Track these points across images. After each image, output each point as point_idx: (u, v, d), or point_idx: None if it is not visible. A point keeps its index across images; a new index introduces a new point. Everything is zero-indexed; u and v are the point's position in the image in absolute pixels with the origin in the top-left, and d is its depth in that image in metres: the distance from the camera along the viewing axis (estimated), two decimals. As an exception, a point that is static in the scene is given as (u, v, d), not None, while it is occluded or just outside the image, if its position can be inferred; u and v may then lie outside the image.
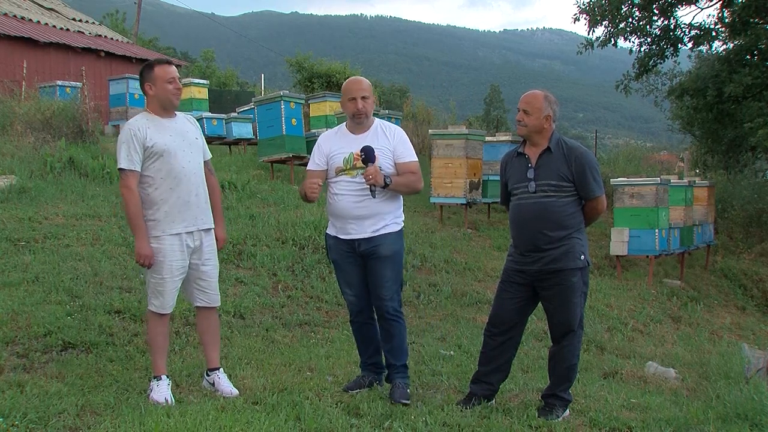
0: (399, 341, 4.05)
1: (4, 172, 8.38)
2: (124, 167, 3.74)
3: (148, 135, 3.77)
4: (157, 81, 3.82)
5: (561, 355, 3.91)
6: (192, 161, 3.89)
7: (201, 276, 3.96)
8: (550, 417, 3.79)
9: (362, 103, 3.98)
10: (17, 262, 5.79)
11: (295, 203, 9.36)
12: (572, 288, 3.83)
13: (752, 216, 14.42)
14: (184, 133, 3.92)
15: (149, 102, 3.90)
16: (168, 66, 3.90)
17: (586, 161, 3.82)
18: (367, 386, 4.11)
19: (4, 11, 17.85)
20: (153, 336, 3.89)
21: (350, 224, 3.98)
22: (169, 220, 3.79)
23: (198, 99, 15.65)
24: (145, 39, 31.34)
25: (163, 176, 3.79)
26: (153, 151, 3.76)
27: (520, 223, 3.91)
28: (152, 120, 3.85)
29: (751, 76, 13.23)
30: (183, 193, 3.82)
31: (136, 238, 3.76)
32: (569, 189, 3.82)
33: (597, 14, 15.00)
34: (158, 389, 3.76)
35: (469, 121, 26.60)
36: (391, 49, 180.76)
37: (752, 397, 4.26)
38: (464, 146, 10.60)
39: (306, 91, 22.12)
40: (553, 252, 3.80)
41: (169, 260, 3.79)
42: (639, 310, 8.27)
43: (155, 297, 3.83)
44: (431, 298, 7.19)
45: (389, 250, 3.97)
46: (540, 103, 3.84)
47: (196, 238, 3.90)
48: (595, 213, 3.95)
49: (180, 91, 3.91)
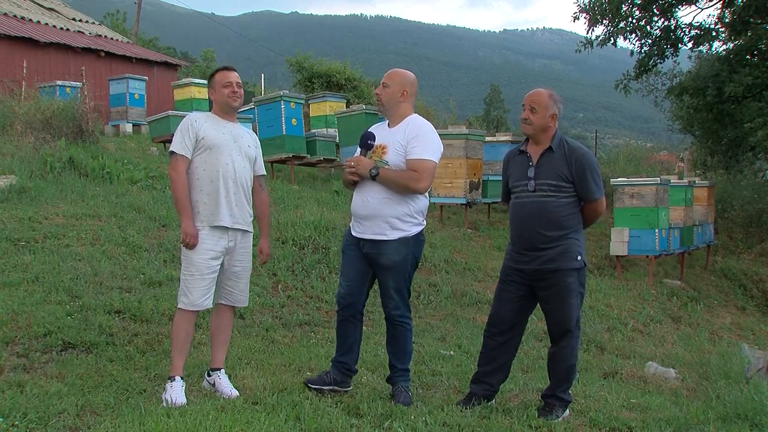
0: (404, 345, 4.02)
1: (4, 171, 8.38)
2: (175, 150, 3.89)
3: (203, 128, 3.93)
4: (215, 85, 4.03)
5: (560, 356, 3.91)
6: (237, 163, 3.97)
7: (230, 276, 4.00)
8: (550, 417, 3.79)
9: (380, 89, 3.98)
10: (17, 262, 5.79)
11: (295, 203, 9.36)
12: (568, 288, 3.82)
13: (752, 216, 14.42)
14: (238, 138, 4.04)
15: (212, 105, 4.12)
16: (226, 72, 4.07)
17: (587, 162, 3.81)
18: (329, 384, 3.97)
19: (4, 11, 17.85)
20: (176, 332, 3.89)
21: (356, 222, 3.97)
22: (205, 212, 3.88)
23: (198, 99, 15.66)
24: (145, 39, 31.32)
25: (207, 168, 3.89)
26: (203, 144, 3.90)
27: (519, 222, 3.91)
28: (212, 118, 4.04)
29: (751, 76, 13.22)
30: (222, 189, 3.89)
31: (182, 218, 3.85)
32: (569, 189, 3.81)
33: (597, 13, 14.98)
34: (173, 390, 3.73)
35: (469, 121, 26.60)
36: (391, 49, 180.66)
37: (752, 397, 4.26)
38: (464, 146, 10.60)
39: (306, 91, 22.10)
40: (550, 252, 3.80)
41: (199, 257, 3.84)
42: (639, 310, 8.27)
43: (184, 294, 3.87)
44: (431, 298, 7.20)
45: (389, 261, 3.85)
46: (546, 101, 3.84)
47: (231, 238, 3.94)
48: (594, 215, 3.94)
49: (236, 95, 4.03)
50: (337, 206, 9.46)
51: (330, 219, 8.40)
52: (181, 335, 3.88)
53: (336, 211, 9.12)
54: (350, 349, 4.04)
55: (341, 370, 4.03)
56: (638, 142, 29.57)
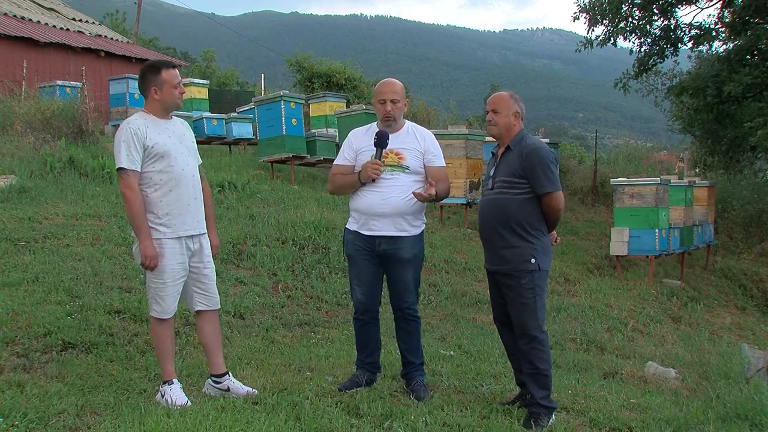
0: (417, 340, 4.15)
1: (4, 171, 8.38)
2: (124, 166, 3.65)
3: (149, 135, 3.70)
4: (164, 85, 3.79)
5: (526, 357, 3.85)
6: (190, 164, 3.86)
7: (202, 279, 3.92)
8: (536, 428, 3.68)
9: (391, 106, 4.01)
10: (17, 262, 5.79)
11: (295, 203, 9.35)
12: (521, 291, 3.80)
13: (752, 216, 14.42)
14: (182, 137, 3.90)
15: (150, 104, 3.84)
16: (174, 69, 3.87)
17: (537, 156, 3.79)
18: (363, 385, 4.09)
19: (4, 11, 17.85)
20: (159, 341, 3.81)
21: (373, 221, 3.99)
22: (170, 223, 3.74)
23: (198, 99, 15.67)
24: (145, 39, 31.34)
25: (164, 178, 3.73)
26: (154, 152, 3.70)
27: (480, 220, 4.01)
28: (151, 120, 3.79)
29: (751, 75, 13.21)
30: (183, 196, 3.78)
31: (140, 239, 3.66)
32: (522, 185, 3.81)
33: (597, 13, 14.98)
34: (173, 392, 3.71)
35: (469, 121, 26.55)
36: (392, 49, 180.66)
37: (752, 397, 4.26)
38: (464, 146, 10.61)
39: (306, 91, 22.13)
40: (505, 252, 3.83)
41: (170, 264, 3.73)
42: (639, 310, 8.27)
43: (156, 302, 3.77)
44: (431, 298, 7.20)
45: (410, 254, 4.01)
46: (507, 100, 3.94)
47: (196, 241, 3.87)
48: (552, 211, 3.86)
49: (183, 95, 3.92)
50: (337, 206, 9.45)
51: (330, 219, 8.40)
52: (166, 342, 3.81)
53: (336, 211, 9.12)
54: (375, 349, 4.20)
55: (370, 370, 4.17)
56: (638, 142, 29.54)
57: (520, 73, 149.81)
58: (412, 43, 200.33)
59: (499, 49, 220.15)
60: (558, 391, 4.28)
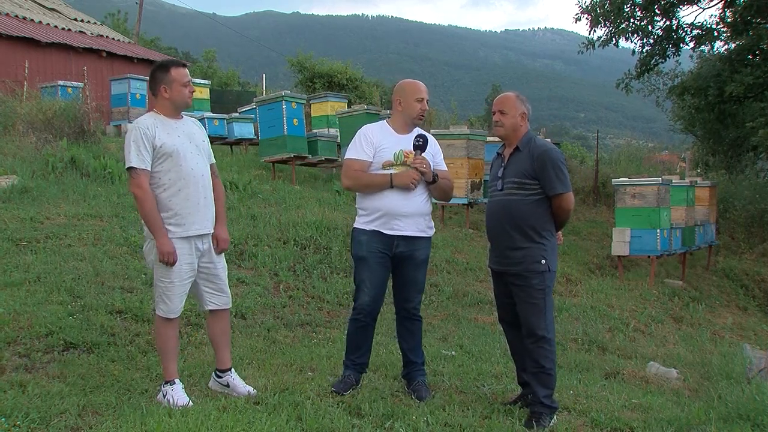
0: (419, 339, 4.20)
1: (5, 172, 8.39)
2: (134, 166, 3.64)
3: (157, 134, 3.70)
4: (173, 84, 3.78)
5: (531, 355, 3.87)
6: (199, 164, 3.85)
7: (213, 279, 3.92)
8: (538, 427, 3.69)
9: (424, 105, 4.10)
10: (19, 262, 5.80)
11: (296, 203, 9.35)
12: (531, 291, 3.82)
13: (754, 216, 14.41)
14: (192, 136, 3.88)
15: (160, 103, 3.83)
16: (183, 68, 3.86)
17: (548, 157, 3.81)
18: (353, 386, 4.05)
19: (6, 11, 17.87)
20: (163, 341, 3.81)
21: (395, 220, 3.97)
22: (179, 222, 3.74)
23: (199, 99, 15.68)
24: (146, 39, 31.36)
25: (172, 177, 3.73)
26: (162, 152, 3.70)
27: (488, 221, 4.02)
28: (160, 120, 3.79)
29: (753, 75, 13.20)
30: (192, 196, 3.77)
31: (156, 237, 3.65)
32: (533, 186, 3.82)
33: (599, 14, 14.97)
34: (174, 393, 3.71)
35: (471, 121, 26.57)
36: (393, 49, 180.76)
37: (754, 398, 4.26)
38: (466, 146, 10.60)
39: (307, 91, 22.14)
40: (516, 253, 3.83)
41: (178, 264, 3.72)
42: (640, 311, 8.26)
43: (162, 302, 3.76)
44: (433, 298, 7.19)
45: (424, 255, 4.10)
46: (514, 101, 3.96)
47: (206, 241, 3.87)
48: (562, 212, 3.88)
49: (193, 93, 3.92)
50: (339, 206, 9.45)
51: (331, 219, 8.40)
52: (170, 343, 3.81)
53: (338, 211, 9.11)
54: (367, 350, 4.19)
55: (360, 370, 4.17)
56: (640, 142, 29.49)
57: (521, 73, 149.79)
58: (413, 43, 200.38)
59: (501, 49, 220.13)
60: (560, 392, 4.28)
